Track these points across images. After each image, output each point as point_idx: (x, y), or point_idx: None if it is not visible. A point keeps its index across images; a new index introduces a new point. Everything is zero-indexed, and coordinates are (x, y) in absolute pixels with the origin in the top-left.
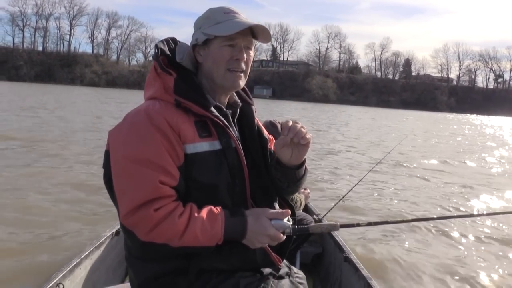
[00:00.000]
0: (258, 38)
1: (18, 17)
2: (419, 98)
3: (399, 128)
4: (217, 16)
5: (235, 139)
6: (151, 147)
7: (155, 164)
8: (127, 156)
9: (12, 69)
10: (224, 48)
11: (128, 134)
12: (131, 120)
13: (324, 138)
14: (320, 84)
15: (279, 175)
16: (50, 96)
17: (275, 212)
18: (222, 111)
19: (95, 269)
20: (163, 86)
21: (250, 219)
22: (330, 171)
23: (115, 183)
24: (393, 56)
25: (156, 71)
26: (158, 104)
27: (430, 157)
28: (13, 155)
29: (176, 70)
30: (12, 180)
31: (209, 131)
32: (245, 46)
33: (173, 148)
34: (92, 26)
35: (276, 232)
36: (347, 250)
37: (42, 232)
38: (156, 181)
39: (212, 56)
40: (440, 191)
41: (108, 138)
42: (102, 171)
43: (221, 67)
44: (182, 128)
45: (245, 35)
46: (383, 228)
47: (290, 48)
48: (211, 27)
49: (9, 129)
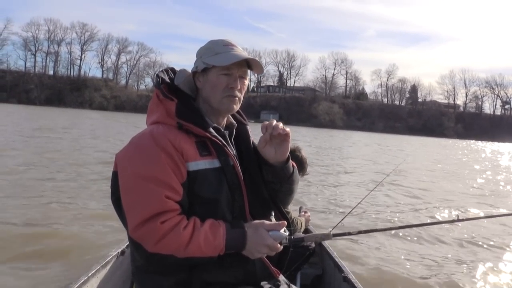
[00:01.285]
0: (252, 69)
1: (30, 42)
2: (425, 124)
3: (404, 152)
4: (217, 47)
5: (232, 157)
6: (157, 165)
7: (160, 180)
8: (135, 173)
9: (23, 92)
10: (221, 76)
11: (135, 155)
12: (137, 142)
13: (330, 159)
14: (326, 109)
15: (270, 176)
16: (71, 119)
17: (272, 224)
18: (220, 131)
19: (101, 287)
20: (166, 111)
21: (250, 231)
22: (331, 194)
23: (124, 199)
24: (399, 82)
25: (158, 98)
26: (161, 127)
27: (426, 177)
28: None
29: (176, 95)
30: (22, 194)
31: (209, 150)
32: (240, 76)
33: (176, 166)
34: (102, 51)
35: (274, 242)
36: (346, 271)
37: (52, 250)
38: (162, 196)
39: (210, 83)
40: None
41: (116, 160)
42: (110, 190)
43: (218, 94)
44: (184, 147)
45: (240, 66)
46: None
47: (297, 74)
48: (210, 57)
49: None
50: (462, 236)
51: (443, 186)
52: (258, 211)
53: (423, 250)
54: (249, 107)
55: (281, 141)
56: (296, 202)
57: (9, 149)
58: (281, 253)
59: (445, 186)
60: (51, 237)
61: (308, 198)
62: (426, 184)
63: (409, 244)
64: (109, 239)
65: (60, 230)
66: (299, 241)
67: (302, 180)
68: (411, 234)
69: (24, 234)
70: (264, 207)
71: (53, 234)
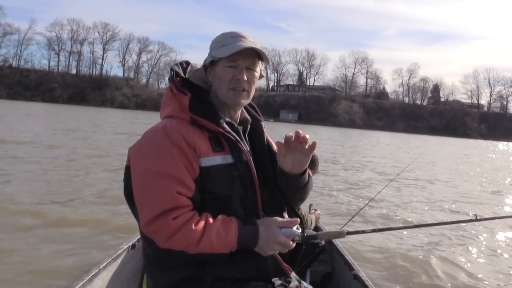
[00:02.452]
0: (263, 59)
1: (54, 42)
2: (448, 124)
3: (427, 152)
4: (224, 39)
5: (246, 153)
6: (169, 161)
7: (172, 176)
8: (147, 169)
9: (47, 91)
10: (227, 69)
11: (147, 150)
12: (150, 136)
13: (347, 158)
14: (346, 109)
15: (284, 183)
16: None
17: (285, 220)
18: (233, 127)
19: (112, 280)
20: (179, 105)
21: (262, 228)
22: (345, 188)
23: (136, 194)
24: (421, 81)
25: (172, 92)
26: (174, 122)
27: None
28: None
29: (190, 90)
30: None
31: (222, 146)
32: (247, 67)
33: (189, 161)
34: (123, 50)
35: (286, 239)
36: (356, 268)
37: (64, 242)
38: (174, 192)
39: (217, 76)
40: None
41: (129, 154)
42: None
43: (224, 86)
44: (197, 143)
45: (247, 57)
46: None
47: (317, 73)
48: (217, 50)
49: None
50: (481, 236)
51: (466, 187)
52: (271, 208)
53: (439, 249)
54: (268, 106)
55: (303, 155)
56: (306, 200)
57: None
58: (294, 250)
59: (468, 186)
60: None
61: (321, 194)
62: (448, 184)
63: (422, 243)
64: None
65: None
66: (311, 238)
67: (313, 178)
68: (426, 233)
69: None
70: (277, 204)
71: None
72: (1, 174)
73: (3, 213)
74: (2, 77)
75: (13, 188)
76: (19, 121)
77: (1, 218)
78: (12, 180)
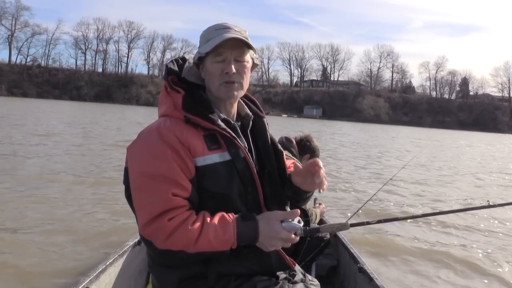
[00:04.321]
0: (252, 48)
1: (81, 41)
2: (477, 118)
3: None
4: (209, 33)
5: (243, 149)
6: (163, 162)
7: (167, 178)
8: (142, 172)
9: (74, 89)
10: (215, 64)
11: (142, 151)
12: (145, 137)
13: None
14: (371, 104)
15: (290, 192)
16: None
17: (285, 213)
18: (230, 124)
19: (119, 276)
20: (173, 104)
21: (262, 223)
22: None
23: (133, 197)
24: (449, 75)
25: (166, 90)
26: (169, 121)
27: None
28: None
29: (185, 87)
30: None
31: (218, 143)
32: (235, 59)
33: (183, 162)
34: (148, 48)
35: (287, 234)
36: (362, 261)
37: (72, 238)
38: (168, 194)
39: (207, 72)
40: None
41: (126, 155)
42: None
43: (215, 82)
44: (191, 142)
45: (233, 48)
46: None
47: (341, 67)
48: (203, 46)
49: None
50: (492, 224)
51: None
52: (275, 204)
53: (447, 239)
54: (292, 102)
55: (315, 177)
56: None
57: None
58: (297, 243)
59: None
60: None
61: (328, 188)
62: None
63: (431, 233)
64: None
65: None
66: (314, 231)
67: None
68: (434, 224)
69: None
70: (280, 200)
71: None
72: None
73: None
74: (32, 76)
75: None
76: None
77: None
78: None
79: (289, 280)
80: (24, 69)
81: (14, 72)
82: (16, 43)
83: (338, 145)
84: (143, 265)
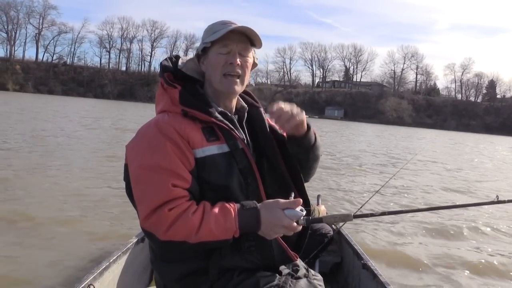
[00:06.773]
0: (256, 45)
1: (105, 40)
2: (504, 122)
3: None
4: (215, 27)
5: (241, 141)
6: (162, 154)
7: (166, 169)
8: (141, 165)
9: (98, 87)
10: (219, 55)
11: (141, 146)
12: (143, 132)
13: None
14: (394, 105)
15: (295, 148)
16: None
17: (287, 201)
18: (227, 116)
19: (122, 273)
20: (170, 99)
21: (263, 211)
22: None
23: (134, 191)
24: (476, 77)
25: (163, 87)
26: (167, 116)
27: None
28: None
29: (181, 83)
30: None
31: (217, 135)
32: (239, 53)
33: (183, 154)
34: (171, 47)
35: (290, 221)
36: (365, 258)
37: (76, 236)
38: (168, 185)
39: (210, 63)
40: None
41: (126, 152)
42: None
43: (218, 73)
44: (190, 135)
45: (239, 42)
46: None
47: (364, 68)
48: (208, 37)
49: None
50: (498, 220)
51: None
52: (277, 194)
53: (453, 235)
54: (314, 103)
55: (296, 120)
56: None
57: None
58: (299, 236)
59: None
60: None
61: (328, 187)
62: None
63: (435, 228)
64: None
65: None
66: (317, 221)
67: (330, 169)
68: (440, 218)
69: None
70: (283, 190)
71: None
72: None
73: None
74: (57, 74)
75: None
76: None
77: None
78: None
79: (292, 275)
80: (50, 67)
81: (40, 70)
82: (43, 41)
83: (361, 146)
84: (146, 262)
